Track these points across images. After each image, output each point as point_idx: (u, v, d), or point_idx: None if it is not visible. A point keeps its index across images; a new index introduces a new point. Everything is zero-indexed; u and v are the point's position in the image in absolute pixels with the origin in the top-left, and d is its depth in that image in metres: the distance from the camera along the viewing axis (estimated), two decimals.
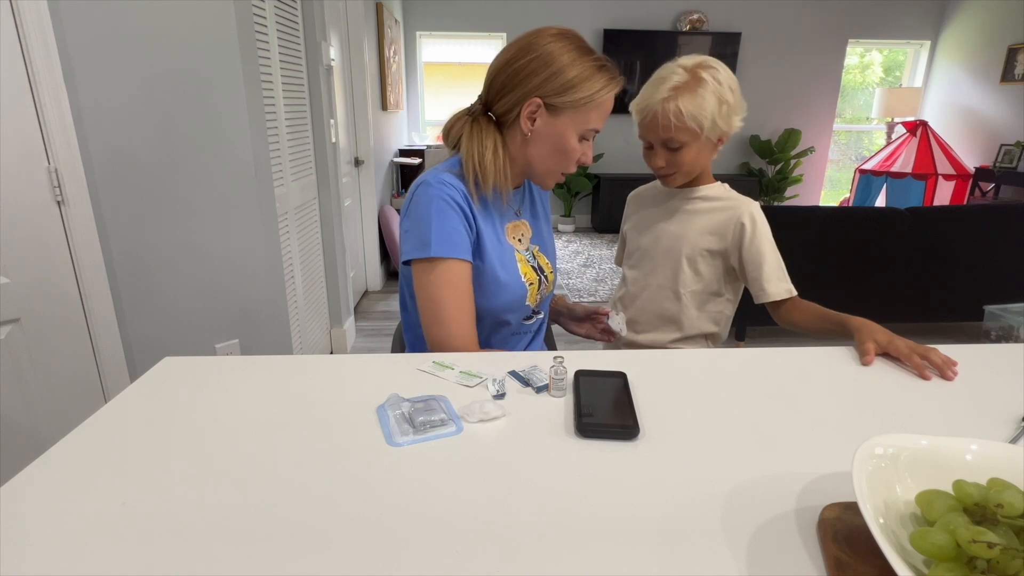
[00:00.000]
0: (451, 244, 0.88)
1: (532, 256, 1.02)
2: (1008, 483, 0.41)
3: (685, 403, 0.70)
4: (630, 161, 5.57)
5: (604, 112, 0.92)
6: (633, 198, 1.24)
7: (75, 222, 1.44)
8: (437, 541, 0.46)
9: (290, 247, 2.11)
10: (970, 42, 4.99)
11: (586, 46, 0.90)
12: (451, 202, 0.89)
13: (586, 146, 0.94)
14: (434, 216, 0.88)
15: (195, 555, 0.45)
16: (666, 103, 0.98)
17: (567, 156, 0.93)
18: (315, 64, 2.36)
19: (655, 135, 1.02)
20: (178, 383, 0.75)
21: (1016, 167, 4.44)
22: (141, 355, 1.66)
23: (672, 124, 0.98)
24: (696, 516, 0.49)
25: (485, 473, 0.56)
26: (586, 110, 0.89)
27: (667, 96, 0.98)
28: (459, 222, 0.89)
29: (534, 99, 0.89)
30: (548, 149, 0.92)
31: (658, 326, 1.13)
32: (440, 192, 0.89)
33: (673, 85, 0.98)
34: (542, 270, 1.03)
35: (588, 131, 0.92)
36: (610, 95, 0.91)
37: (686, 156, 1.02)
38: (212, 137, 1.64)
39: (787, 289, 1.05)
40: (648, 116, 1.00)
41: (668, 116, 0.98)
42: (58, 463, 0.57)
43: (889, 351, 0.83)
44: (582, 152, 0.93)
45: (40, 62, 1.32)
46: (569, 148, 0.92)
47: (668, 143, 1.02)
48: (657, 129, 1.00)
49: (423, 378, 0.76)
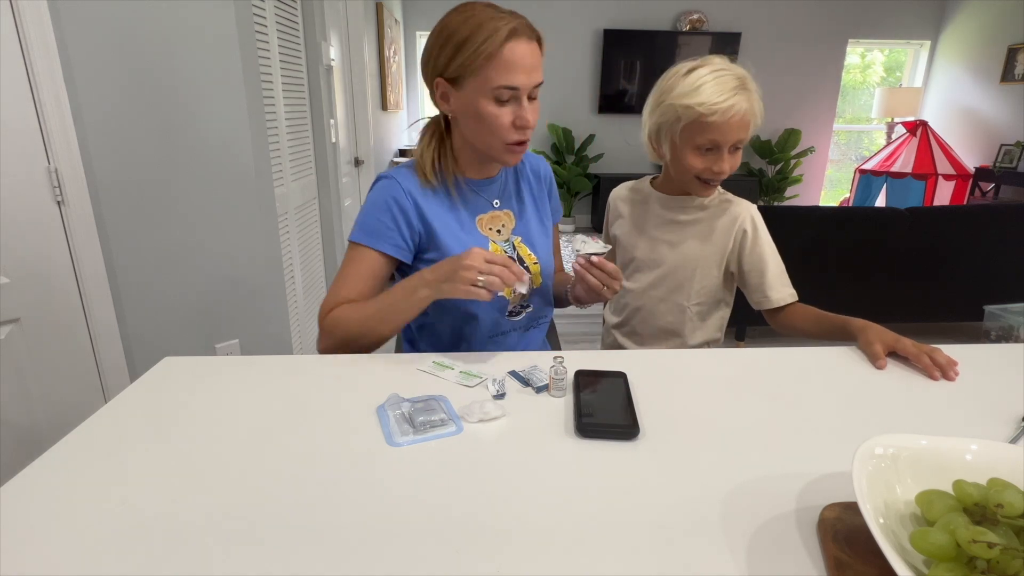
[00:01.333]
0: (370, 234, 0.91)
1: (512, 247, 1.00)
2: (1008, 483, 0.41)
3: (685, 403, 0.70)
4: (630, 161, 5.57)
5: (505, 63, 0.81)
6: (620, 201, 1.21)
7: (75, 222, 1.44)
8: (437, 541, 0.46)
9: (290, 247, 2.11)
10: (970, 42, 4.99)
11: (484, 6, 0.84)
12: (389, 197, 0.92)
13: (514, 108, 0.85)
14: (368, 207, 0.93)
15: (195, 554, 0.45)
16: (748, 102, 0.96)
17: (492, 125, 0.85)
18: (315, 64, 2.36)
19: (732, 136, 0.97)
20: (178, 383, 0.75)
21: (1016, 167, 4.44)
22: (141, 355, 1.66)
23: (749, 123, 0.97)
24: (696, 516, 0.49)
25: (485, 473, 0.56)
26: (483, 69, 0.82)
27: (746, 96, 0.96)
28: (388, 217, 0.91)
29: (437, 80, 0.87)
30: (472, 124, 0.88)
31: (660, 339, 1.12)
32: (384, 185, 0.93)
33: (745, 85, 0.96)
34: (521, 261, 1.01)
35: (499, 90, 0.83)
36: (501, 44, 0.80)
37: (740, 153, 1.01)
38: (212, 137, 1.64)
39: (790, 294, 1.04)
40: (733, 116, 0.95)
41: (748, 116, 0.96)
42: (58, 463, 0.57)
43: (897, 350, 0.83)
44: (513, 115, 0.85)
45: (40, 62, 1.32)
46: (487, 115, 0.85)
47: (737, 143, 0.99)
48: (736, 130, 0.96)
49: (423, 378, 0.76)
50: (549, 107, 5.37)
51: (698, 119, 0.96)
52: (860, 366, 0.81)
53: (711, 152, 0.99)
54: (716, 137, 0.97)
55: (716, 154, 0.99)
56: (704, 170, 1.01)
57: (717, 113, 0.94)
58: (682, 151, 1.01)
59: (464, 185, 0.97)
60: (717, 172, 1.00)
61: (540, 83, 0.87)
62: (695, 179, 1.03)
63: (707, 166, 1.00)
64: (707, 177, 1.01)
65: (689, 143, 1.00)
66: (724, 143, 0.98)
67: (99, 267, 1.51)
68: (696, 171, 1.01)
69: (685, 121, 0.98)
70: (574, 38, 5.17)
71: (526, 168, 1.06)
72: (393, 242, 0.91)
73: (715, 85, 0.96)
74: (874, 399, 0.72)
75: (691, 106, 0.96)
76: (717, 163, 0.99)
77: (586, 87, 5.34)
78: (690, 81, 0.97)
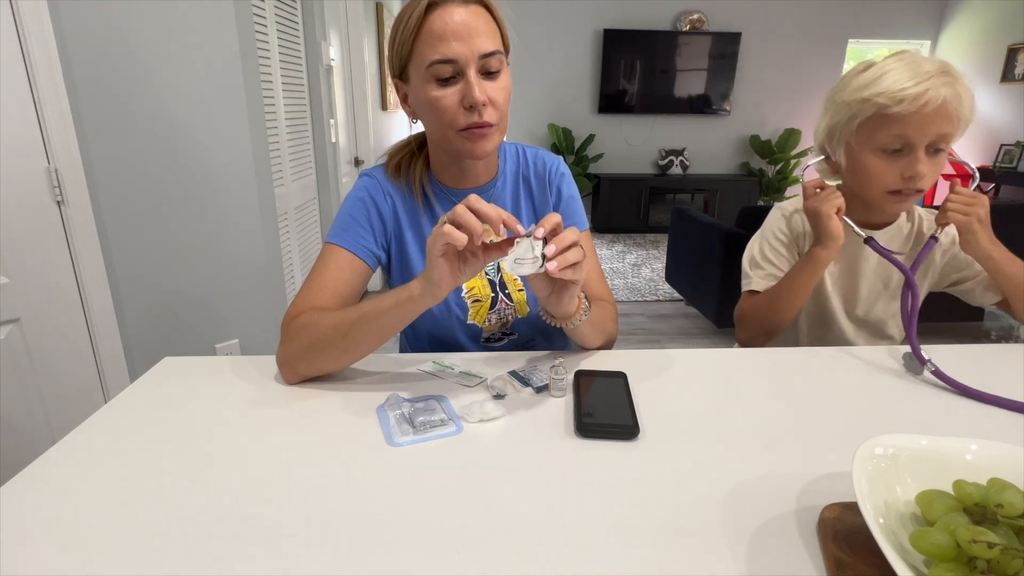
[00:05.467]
0: (343, 234, 0.83)
1: (496, 270, 0.89)
2: (1008, 483, 0.41)
3: (685, 403, 0.70)
4: (630, 161, 5.57)
5: (432, 35, 0.71)
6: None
7: (75, 222, 1.44)
8: (437, 541, 0.46)
9: (290, 247, 2.11)
10: (970, 42, 4.99)
11: None
12: (366, 195, 0.85)
13: (456, 86, 0.73)
14: (344, 204, 0.86)
15: (195, 555, 0.45)
16: (951, 88, 0.76)
17: (439, 109, 0.74)
18: (315, 64, 2.36)
19: (929, 129, 0.77)
20: (178, 383, 0.75)
21: (1016, 167, 4.44)
22: (141, 355, 1.66)
23: (953, 114, 0.76)
24: (696, 516, 0.49)
25: (485, 473, 0.56)
26: (415, 50, 0.73)
27: (948, 81, 0.76)
28: (363, 215, 0.85)
29: (394, 81, 0.81)
30: (426, 116, 0.78)
31: None
32: (363, 183, 0.87)
33: (947, 71, 0.77)
34: (504, 286, 0.89)
35: (435, 67, 0.72)
36: (422, 15, 0.71)
37: (943, 161, 0.80)
38: (212, 137, 1.64)
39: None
40: (928, 104, 0.75)
41: (952, 105, 0.76)
42: (58, 463, 0.57)
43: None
44: (460, 95, 0.73)
45: (40, 62, 1.32)
46: (431, 100, 0.74)
47: (938, 142, 0.79)
48: (934, 122, 0.77)
49: (423, 378, 0.76)
50: (549, 107, 5.37)
51: (878, 113, 0.78)
52: (860, 366, 0.81)
53: (899, 155, 0.80)
54: (906, 132, 0.78)
55: (905, 155, 0.79)
56: (891, 179, 0.80)
57: (906, 101, 0.75)
58: (861, 155, 0.82)
59: (443, 193, 0.87)
60: (910, 178, 0.80)
61: (493, 52, 0.73)
62: (884, 194, 0.83)
63: (899, 172, 0.80)
64: (898, 187, 0.81)
65: (869, 144, 0.81)
66: (918, 140, 0.78)
67: (99, 267, 1.51)
68: (882, 181, 0.81)
69: (862, 118, 0.80)
70: (574, 38, 5.16)
71: (530, 172, 0.92)
72: (364, 243, 0.83)
73: (903, 70, 0.77)
74: (874, 399, 0.72)
75: (869, 98, 0.78)
76: (913, 166, 0.78)
77: (586, 87, 5.34)
78: (870, 73, 0.80)
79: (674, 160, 5.45)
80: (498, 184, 0.89)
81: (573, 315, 0.76)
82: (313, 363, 0.73)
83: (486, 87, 0.73)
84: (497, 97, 0.75)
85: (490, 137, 0.76)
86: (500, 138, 0.79)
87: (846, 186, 0.90)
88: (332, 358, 0.73)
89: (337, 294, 0.79)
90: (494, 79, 0.75)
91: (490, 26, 0.74)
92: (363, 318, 0.70)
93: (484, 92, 0.72)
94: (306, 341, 0.73)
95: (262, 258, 1.81)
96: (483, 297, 0.89)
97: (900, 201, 0.84)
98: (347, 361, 0.75)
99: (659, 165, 5.52)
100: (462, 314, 0.88)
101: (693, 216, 3.05)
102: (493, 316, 0.90)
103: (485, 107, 0.73)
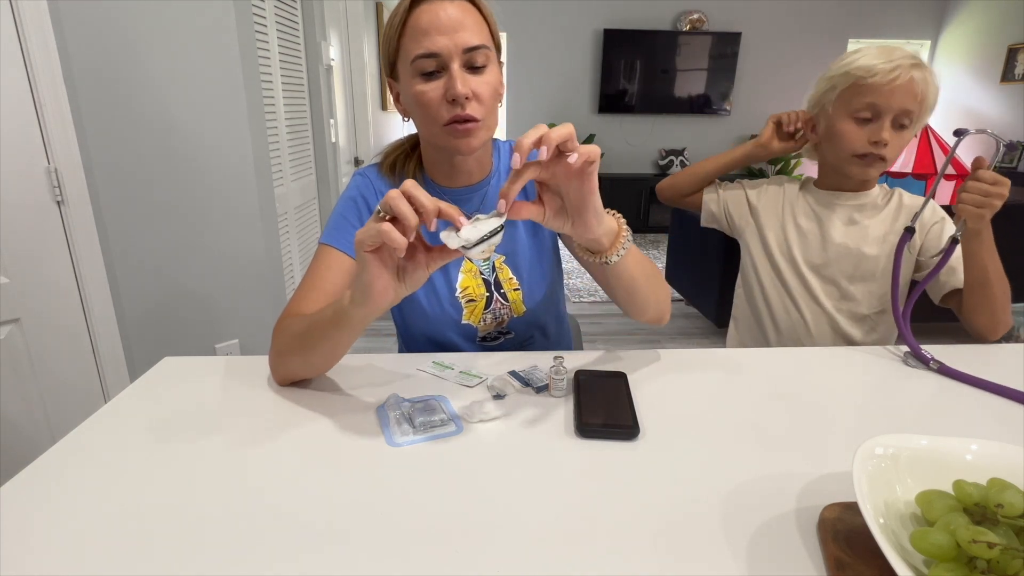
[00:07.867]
0: (336, 234, 0.82)
1: (491, 268, 0.88)
2: (1008, 483, 0.41)
3: (685, 403, 0.70)
4: (630, 161, 5.57)
5: (416, 30, 0.71)
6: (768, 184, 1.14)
7: (75, 222, 1.44)
8: (437, 541, 0.46)
9: (290, 247, 2.11)
10: (970, 42, 4.99)
11: None
12: (358, 194, 0.85)
13: (440, 80, 0.72)
14: (337, 205, 0.86)
15: (194, 555, 0.45)
16: (916, 70, 0.87)
17: (423, 104, 0.74)
18: (315, 64, 2.36)
19: (895, 101, 0.88)
20: (178, 383, 0.75)
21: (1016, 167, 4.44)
22: (141, 355, 1.66)
23: (918, 93, 0.87)
24: (696, 516, 0.49)
25: (485, 473, 0.56)
26: (401, 47, 0.74)
27: (917, 63, 0.88)
28: (354, 214, 0.84)
29: (388, 81, 0.81)
30: (414, 113, 0.78)
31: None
32: (356, 182, 0.87)
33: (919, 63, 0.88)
34: (499, 285, 0.88)
35: (419, 61, 0.72)
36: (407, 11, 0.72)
37: (907, 138, 0.90)
38: (212, 137, 1.64)
39: None
40: (898, 79, 0.86)
41: (919, 86, 0.87)
42: (58, 463, 0.57)
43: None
44: (443, 88, 0.72)
45: (40, 62, 1.32)
46: (416, 94, 0.74)
47: (902, 117, 0.89)
48: (901, 96, 0.87)
49: (423, 378, 0.76)
50: (549, 107, 5.37)
51: (855, 83, 0.88)
52: (860, 366, 0.81)
53: (868, 123, 0.89)
54: (876, 101, 0.87)
55: (873, 123, 0.89)
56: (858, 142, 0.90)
57: (879, 74, 0.85)
58: (836, 121, 0.92)
59: (436, 192, 0.86)
60: (875, 143, 0.89)
61: (478, 46, 0.72)
62: (851, 157, 0.93)
63: (866, 137, 0.90)
64: (864, 151, 0.91)
65: (844, 110, 0.90)
66: (885, 110, 0.88)
67: (99, 267, 1.51)
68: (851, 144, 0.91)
69: (841, 88, 0.89)
70: (574, 38, 5.16)
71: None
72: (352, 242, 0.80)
73: (880, 52, 0.88)
74: (874, 399, 0.72)
75: (848, 71, 0.88)
76: (876, 132, 0.89)
77: (586, 87, 5.34)
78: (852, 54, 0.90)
79: (674, 160, 5.45)
80: (492, 182, 0.88)
81: (616, 241, 0.68)
82: (288, 367, 0.72)
83: (470, 81, 0.72)
84: (481, 91, 0.73)
85: (475, 133, 0.75)
86: (487, 134, 0.77)
87: (823, 156, 1.01)
88: (297, 366, 0.72)
89: (328, 295, 0.77)
90: (479, 73, 0.73)
91: (476, 21, 0.73)
92: (312, 328, 0.68)
93: (467, 86, 0.71)
94: (278, 346, 0.73)
95: (262, 258, 1.81)
96: (478, 297, 0.88)
97: (865, 166, 0.93)
98: (312, 369, 0.73)
99: (659, 165, 5.52)
100: (456, 314, 0.88)
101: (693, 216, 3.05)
102: (488, 316, 0.89)
103: (469, 101, 0.72)
